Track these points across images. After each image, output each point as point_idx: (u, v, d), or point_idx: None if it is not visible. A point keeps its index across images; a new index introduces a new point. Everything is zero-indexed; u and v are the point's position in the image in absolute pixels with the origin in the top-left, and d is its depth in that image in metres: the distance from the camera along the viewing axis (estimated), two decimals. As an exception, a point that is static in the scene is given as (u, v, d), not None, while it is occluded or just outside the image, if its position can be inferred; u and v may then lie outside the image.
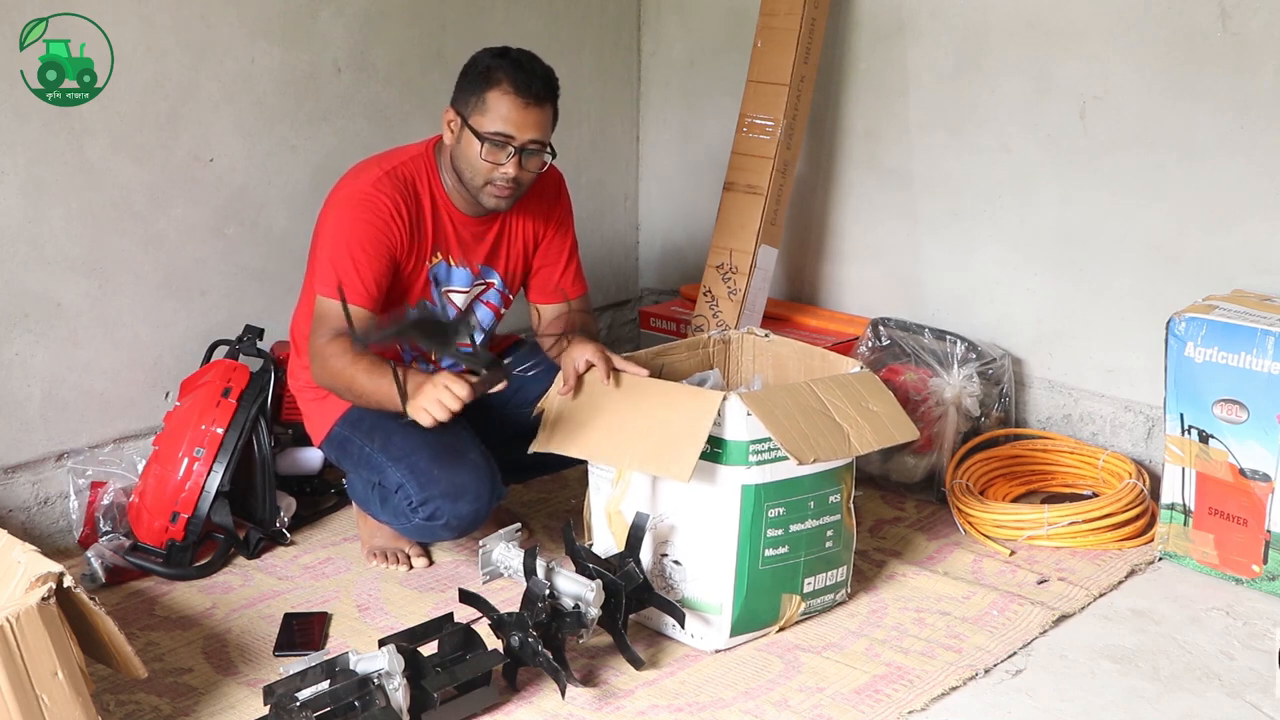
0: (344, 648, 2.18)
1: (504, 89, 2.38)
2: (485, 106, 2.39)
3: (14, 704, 1.76)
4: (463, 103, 2.43)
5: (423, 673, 2.06)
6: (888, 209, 3.37)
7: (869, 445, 2.35)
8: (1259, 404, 2.50)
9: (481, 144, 2.39)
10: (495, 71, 2.39)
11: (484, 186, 2.44)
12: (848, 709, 2.17)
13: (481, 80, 2.40)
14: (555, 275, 2.68)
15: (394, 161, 2.50)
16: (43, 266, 2.65)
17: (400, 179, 2.47)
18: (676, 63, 3.75)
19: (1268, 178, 2.75)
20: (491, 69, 2.40)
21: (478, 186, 2.45)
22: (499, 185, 2.43)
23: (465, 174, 2.45)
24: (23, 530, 2.65)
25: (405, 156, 2.52)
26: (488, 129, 2.39)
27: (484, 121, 2.39)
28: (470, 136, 2.41)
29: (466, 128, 2.41)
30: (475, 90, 2.41)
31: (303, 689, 1.98)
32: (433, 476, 2.42)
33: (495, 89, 2.38)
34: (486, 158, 2.40)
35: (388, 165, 2.49)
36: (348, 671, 2.01)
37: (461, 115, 2.43)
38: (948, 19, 3.16)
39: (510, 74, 2.39)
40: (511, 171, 2.41)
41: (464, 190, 2.49)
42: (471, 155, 2.41)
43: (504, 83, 2.38)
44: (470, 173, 2.44)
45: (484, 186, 2.44)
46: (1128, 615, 2.50)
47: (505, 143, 2.39)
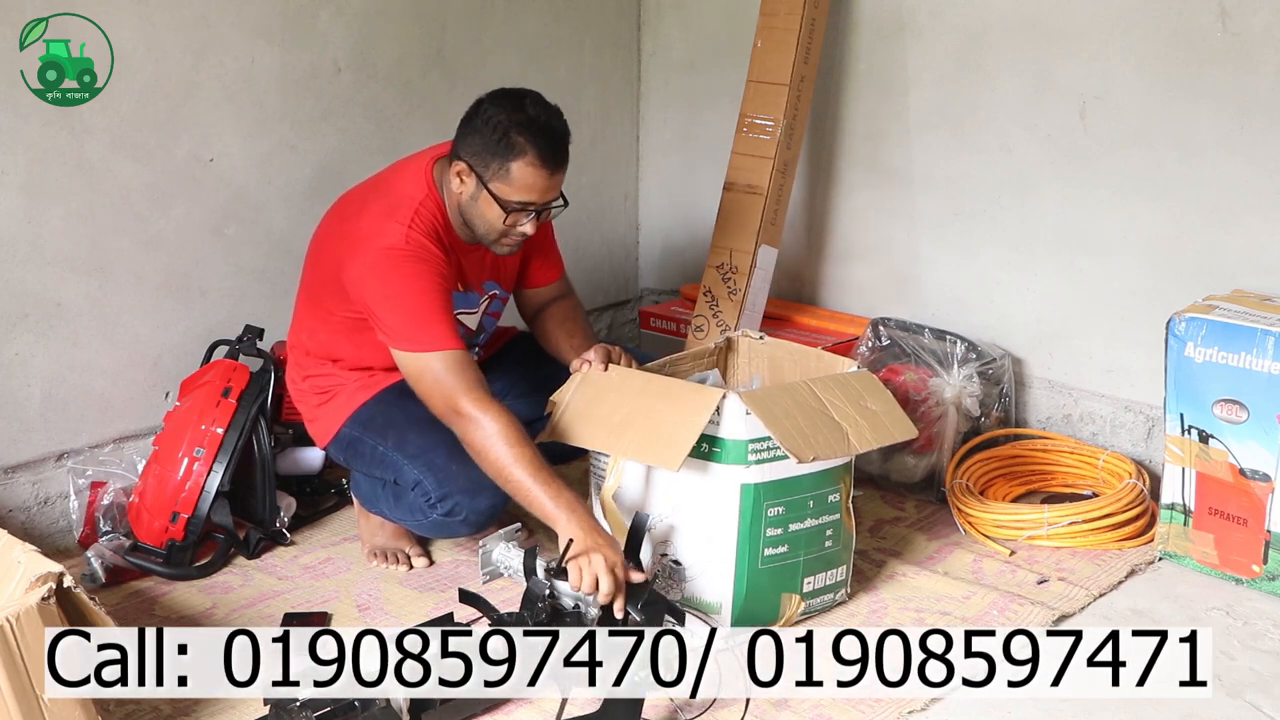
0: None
1: (529, 160, 2.33)
2: (509, 176, 2.35)
3: (14, 704, 1.76)
4: (480, 163, 2.36)
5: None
6: (888, 209, 3.37)
7: (868, 444, 2.35)
8: (1259, 404, 2.50)
9: (505, 211, 2.38)
10: (518, 138, 2.33)
11: (498, 240, 2.45)
12: (848, 709, 2.17)
13: (504, 147, 2.33)
14: (538, 263, 2.71)
15: (406, 211, 2.41)
16: (43, 266, 2.65)
17: (426, 228, 2.41)
18: (676, 63, 3.75)
19: (1268, 177, 2.75)
20: (514, 135, 2.33)
21: (491, 240, 2.45)
22: (514, 239, 2.45)
23: (479, 229, 2.44)
24: (23, 530, 2.65)
25: (413, 202, 2.43)
26: (513, 198, 2.36)
27: (508, 190, 2.36)
28: (489, 199, 2.38)
29: (485, 190, 2.37)
30: (496, 155, 2.34)
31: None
32: (451, 472, 2.43)
33: (520, 160, 2.33)
34: (509, 223, 2.40)
35: (405, 216, 2.40)
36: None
37: (479, 175, 2.37)
38: (948, 19, 3.16)
39: (535, 144, 2.33)
40: (530, 230, 2.42)
41: (466, 229, 2.48)
42: (491, 216, 2.40)
43: (529, 154, 2.33)
44: (485, 229, 2.43)
45: (498, 240, 2.45)
46: (1128, 615, 2.50)
47: (527, 208, 2.39)
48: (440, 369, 2.33)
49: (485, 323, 2.68)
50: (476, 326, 2.65)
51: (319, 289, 2.56)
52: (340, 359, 2.61)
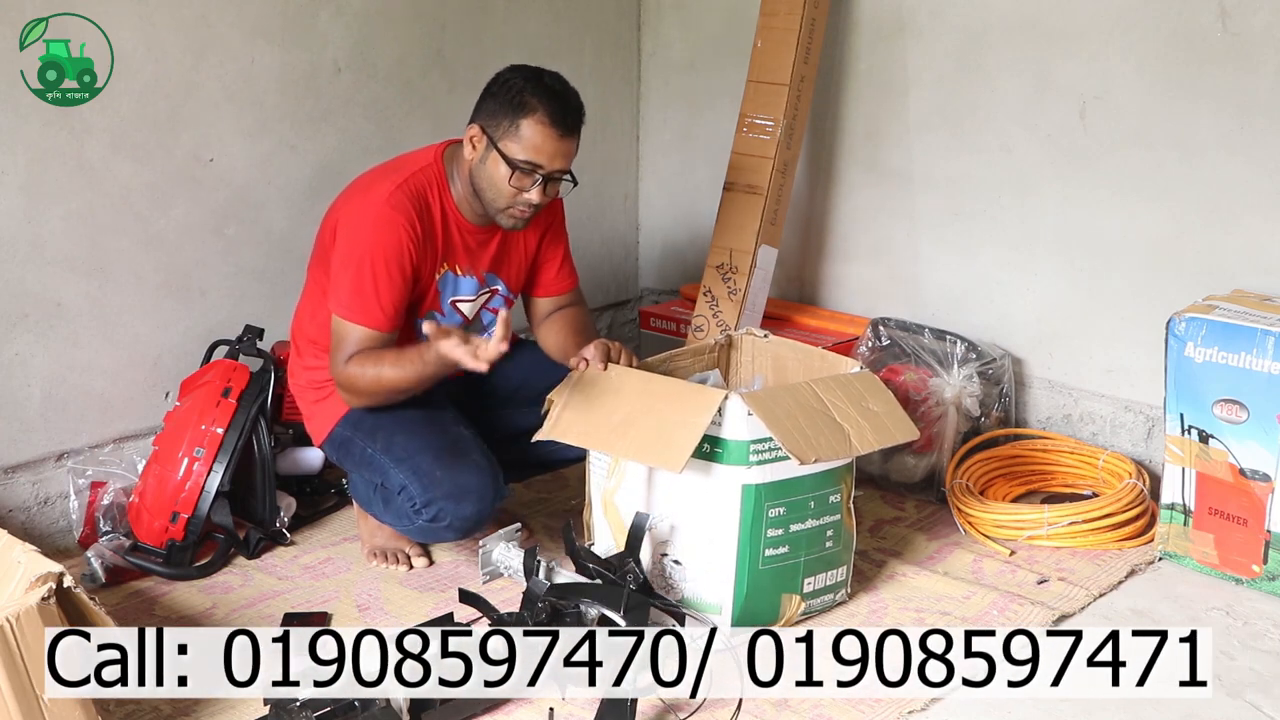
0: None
1: (539, 118, 2.37)
2: (518, 133, 2.38)
3: (14, 704, 1.76)
4: (492, 123, 2.41)
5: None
6: (888, 209, 3.37)
7: (869, 445, 2.35)
8: (1259, 404, 2.50)
9: (511, 170, 2.40)
10: (530, 98, 2.37)
11: (505, 209, 2.46)
12: (848, 709, 2.17)
13: (515, 105, 2.38)
14: (552, 273, 2.71)
15: (404, 174, 2.47)
16: (43, 266, 2.65)
17: (412, 192, 2.45)
18: (676, 63, 3.75)
19: (1268, 177, 2.75)
20: (527, 95, 2.38)
21: (498, 208, 2.46)
22: (520, 209, 2.45)
23: (486, 194, 2.46)
24: (23, 530, 2.65)
25: (415, 167, 2.49)
26: (518, 156, 2.39)
27: (515, 148, 2.39)
28: (497, 159, 2.40)
29: (494, 149, 2.40)
30: (508, 114, 2.39)
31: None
32: (436, 478, 2.42)
33: (530, 117, 2.37)
34: (514, 184, 2.41)
35: (399, 178, 2.46)
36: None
37: (489, 136, 2.41)
38: (948, 19, 3.16)
39: (546, 103, 2.37)
40: (535, 199, 2.43)
41: (475, 202, 2.50)
42: (497, 178, 2.42)
43: (539, 112, 2.37)
44: (492, 194, 2.45)
45: (505, 209, 2.46)
46: (1128, 615, 2.50)
47: (534, 171, 2.40)
48: (355, 340, 2.41)
49: (483, 317, 2.66)
50: (473, 316, 2.63)
51: (322, 265, 2.57)
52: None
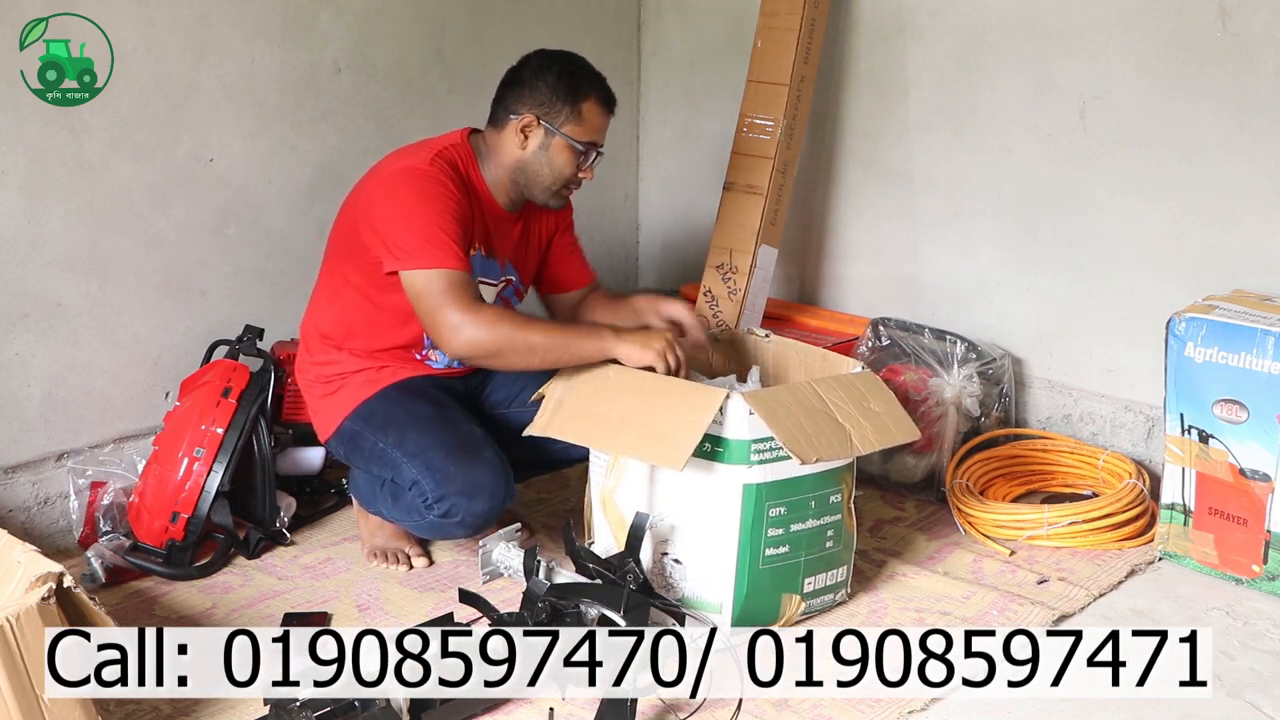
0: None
1: (596, 100, 2.50)
2: (580, 117, 2.49)
3: (14, 704, 1.75)
4: (550, 112, 2.48)
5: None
6: (888, 209, 3.37)
7: (870, 445, 2.35)
8: (1259, 404, 2.50)
9: (579, 154, 2.50)
10: (582, 82, 2.50)
11: (560, 189, 2.55)
12: (848, 709, 2.18)
13: (572, 91, 2.48)
14: (568, 268, 2.78)
15: (436, 148, 2.50)
16: (43, 266, 2.65)
17: (450, 162, 2.49)
18: (676, 63, 3.75)
19: (1268, 177, 2.75)
20: (579, 80, 2.49)
21: (554, 190, 2.55)
22: (573, 187, 2.57)
23: (545, 179, 2.52)
24: (23, 530, 2.65)
25: (445, 144, 2.53)
26: (584, 139, 2.50)
27: (580, 131, 2.50)
28: (562, 144, 2.49)
29: (559, 135, 2.48)
30: (567, 100, 2.48)
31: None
32: (449, 474, 2.42)
33: (588, 101, 2.49)
34: (580, 164, 2.52)
35: (430, 152, 2.48)
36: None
37: (550, 124, 2.48)
38: (948, 19, 3.16)
39: (596, 86, 2.51)
40: (590, 176, 2.55)
41: (511, 188, 2.55)
42: (561, 162, 2.51)
43: (594, 95, 2.50)
44: (553, 178, 2.53)
45: (560, 189, 2.55)
46: (1128, 615, 2.50)
47: (593, 150, 2.52)
48: (442, 286, 2.35)
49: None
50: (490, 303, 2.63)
51: (340, 250, 2.56)
52: (353, 336, 2.59)
